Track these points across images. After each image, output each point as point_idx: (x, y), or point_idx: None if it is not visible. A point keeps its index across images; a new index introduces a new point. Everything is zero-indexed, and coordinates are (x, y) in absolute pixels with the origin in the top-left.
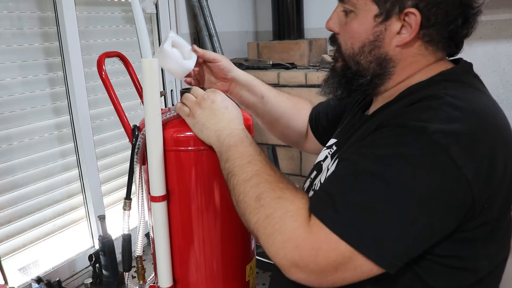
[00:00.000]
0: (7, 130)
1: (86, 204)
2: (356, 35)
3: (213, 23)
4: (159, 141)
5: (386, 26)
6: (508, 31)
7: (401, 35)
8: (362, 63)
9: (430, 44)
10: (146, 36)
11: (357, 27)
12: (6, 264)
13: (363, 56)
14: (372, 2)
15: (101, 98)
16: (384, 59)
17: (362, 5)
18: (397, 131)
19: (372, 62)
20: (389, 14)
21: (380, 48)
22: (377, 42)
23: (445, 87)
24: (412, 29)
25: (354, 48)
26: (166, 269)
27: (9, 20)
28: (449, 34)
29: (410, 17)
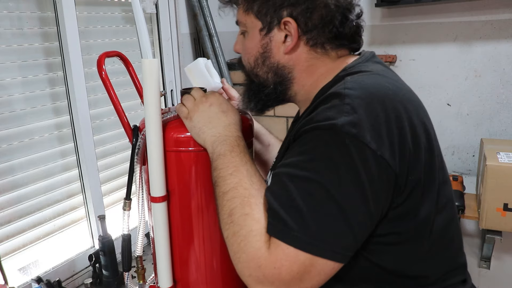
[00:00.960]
0: (7, 130)
1: (86, 204)
2: (250, 51)
3: (213, 23)
4: (159, 141)
5: (271, 38)
6: (508, 31)
7: (286, 43)
8: (260, 74)
9: (317, 47)
10: (146, 36)
11: (249, 44)
12: (6, 264)
13: (259, 68)
14: (256, 18)
15: (101, 98)
16: (278, 67)
17: (250, 23)
18: (312, 135)
19: (269, 72)
20: (270, 26)
21: (270, 58)
22: (266, 53)
23: (345, 81)
24: (292, 36)
25: (250, 63)
26: (166, 269)
27: (9, 20)
28: (332, 34)
29: (289, 25)
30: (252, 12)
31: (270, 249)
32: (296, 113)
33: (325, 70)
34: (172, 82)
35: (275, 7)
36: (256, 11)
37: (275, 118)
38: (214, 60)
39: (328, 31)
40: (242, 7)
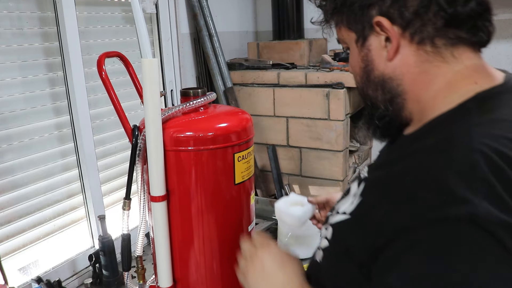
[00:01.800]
0: (7, 130)
1: (86, 204)
2: (354, 68)
3: (213, 23)
4: (159, 141)
5: (369, 47)
6: (508, 31)
7: (387, 48)
8: (370, 94)
9: (426, 43)
10: (146, 36)
11: (351, 61)
12: (6, 264)
13: (366, 86)
14: (349, 30)
15: (101, 98)
16: (384, 81)
17: (346, 37)
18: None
19: (376, 89)
20: (365, 34)
21: (373, 71)
22: (369, 66)
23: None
24: (391, 37)
25: (358, 82)
26: (166, 269)
27: (9, 20)
28: (441, 19)
29: (383, 26)
30: (343, 25)
31: None
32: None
33: (443, 83)
34: (172, 82)
35: (362, 9)
36: (346, 22)
37: (275, 118)
38: (214, 60)
39: (432, 17)
40: (334, 22)
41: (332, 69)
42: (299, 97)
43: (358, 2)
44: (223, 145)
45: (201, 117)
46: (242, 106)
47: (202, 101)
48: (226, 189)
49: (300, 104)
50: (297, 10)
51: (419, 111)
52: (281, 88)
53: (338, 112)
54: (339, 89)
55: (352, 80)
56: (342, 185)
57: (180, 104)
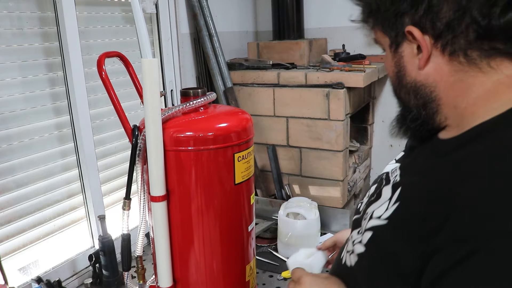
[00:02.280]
0: (7, 130)
1: (86, 204)
2: (388, 71)
3: (213, 23)
4: (159, 141)
5: (401, 53)
6: None
7: (418, 56)
8: (402, 97)
9: (459, 54)
10: (146, 36)
11: (386, 63)
12: (6, 264)
13: (399, 89)
14: (384, 34)
15: (101, 98)
16: (416, 87)
17: (381, 40)
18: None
19: (409, 94)
20: (398, 40)
21: (405, 77)
22: (401, 72)
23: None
24: (423, 47)
25: (392, 84)
26: (166, 269)
27: (9, 20)
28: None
29: (414, 35)
30: (379, 28)
31: None
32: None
33: (483, 92)
34: (172, 82)
35: (396, 16)
36: (381, 26)
37: (275, 118)
38: (214, 60)
39: (464, 30)
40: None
41: (332, 69)
42: (299, 97)
43: (392, 9)
44: (223, 145)
45: (201, 117)
46: (242, 106)
47: (202, 101)
48: (226, 189)
49: (300, 104)
50: (297, 10)
51: (457, 117)
52: (281, 88)
53: (338, 112)
54: (339, 89)
55: (352, 80)
56: (342, 185)
57: (180, 104)
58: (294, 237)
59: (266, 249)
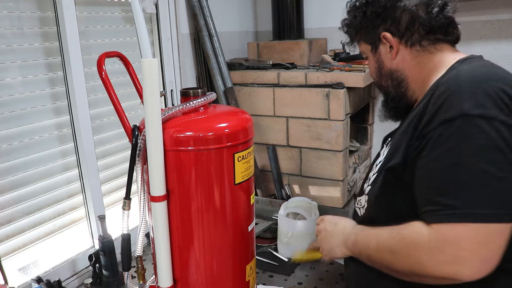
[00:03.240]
0: (7, 130)
1: (86, 204)
2: (371, 69)
3: (213, 23)
4: (159, 141)
5: (379, 53)
6: (508, 31)
7: (391, 52)
8: (383, 84)
9: (415, 45)
10: (146, 36)
11: (370, 65)
12: (6, 264)
13: (380, 79)
14: (366, 44)
15: (101, 98)
16: (391, 73)
17: (365, 49)
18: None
19: (387, 80)
20: (376, 45)
21: (384, 68)
22: (381, 65)
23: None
24: (393, 44)
25: (375, 78)
26: (166, 269)
27: (9, 20)
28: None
29: (387, 38)
30: (363, 41)
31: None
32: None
33: (433, 64)
34: (172, 82)
35: (374, 29)
36: (364, 39)
37: (275, 118)
38: (214, 60)
39: (417, 29)
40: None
41: (332, 69)
42: (299, 97)
43: (370, 25)
44: (223, 145)
45: (201, 117)
46: (242, 106)
47: (202, 101)
48: (226, 189)
49: (300, 104)
50: (297, 10)
51: (420, 88)
52: (281, 88)
53: (338, 112)
54: (339, 89)
55: (352, 80)
56: (342, 185)
57: (180, 104)
58: (294, 237)
59: (266, 249)
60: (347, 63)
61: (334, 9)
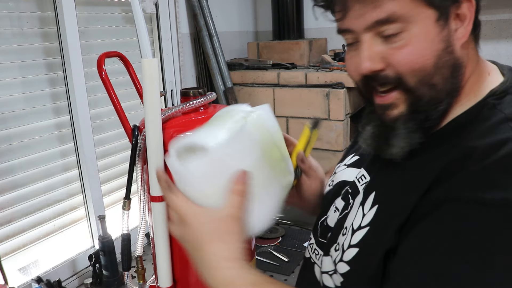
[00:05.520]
0: (7, 130)
1: (86, 204)
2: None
3: (213, 23)
4: (159, 141)
5: (450, 28)
6: (508, 31)
7: (457, 32)
8: (437, 83)
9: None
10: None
11: (420, 44)
12: (6, 264)
13: (438, 73)
14: (427, 6)
15: (101, 98)
16: (457, 66)
17: (416, 16)
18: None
19: (446, 77)
20: (448, 13)
21: (454, 53)
22: (449, 48)
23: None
24: (467, 20)
25: (426, 70)
26: (166, 269)
27: (9, 20)
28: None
29: (463, 7)
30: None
31: None
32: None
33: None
34: (172, 82)
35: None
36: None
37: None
38: (214, 60)
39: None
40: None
41: (332, 69)
42: (299, 97)
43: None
44: None
45: (201, 117)
46: None
47: (202, 101)
48: None
49: (300, 104)
50: (297, 10)
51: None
52: (281, 88)
53: (338, 112)
54: (339, 89)
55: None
56: None
57: (180, 104)
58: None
59: (266, 249)
60: None
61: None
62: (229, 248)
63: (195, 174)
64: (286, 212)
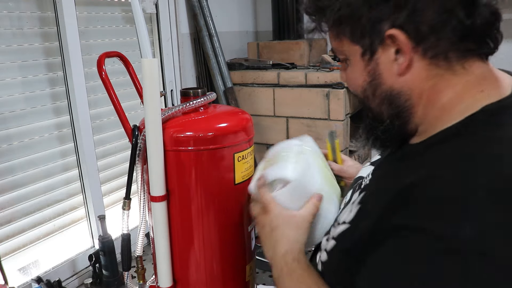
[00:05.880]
0: (7, 130)
1: (86, 204)
2: (354, 81)
3: (213, 23)
4: (159, 141)
5: (377, 61)
6: (508, 31)
7: (397, 61)
8: (372, 107)
9: (439, 58)
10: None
11: (352, 74)
12: (6, 264)
13: (370, 100)
14: (353, 43)
15: (101, 98)
16: (392, 95)
17: (347, 50)
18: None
19: (382, 104)
20: (373, 48)
21: (381, 85)
22: (375, 80)
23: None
24: (403, 51)
25: (359, 95)
26: (166, 269)
27: (9, 20)
28: (457, 33)
29: (397, 40)
30: (346, 37)
31: None
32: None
33: (452, 95)
34: (172, 82)
35: (372, 23)
36: (349, 35)
37: (275, 118)
38: (214, 60)
39: (450, 31)
40: (332, 33)
41: (332, 69)
42: (299, 97)
43: (366, 16)
44: (223, 145)
45: (201, 117)
46: (242, 106)
47: (202, 101)
48: (226, 189)
49: (300, 104)
50: (297, 10)
51: (427, 123)
52: (281, 88)
53: (338, 112)
54: (339, 89)
55: None
56: None
57: (180, 104)
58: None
59: None
60: None
61: None
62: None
63: (281, 198)
64: None
